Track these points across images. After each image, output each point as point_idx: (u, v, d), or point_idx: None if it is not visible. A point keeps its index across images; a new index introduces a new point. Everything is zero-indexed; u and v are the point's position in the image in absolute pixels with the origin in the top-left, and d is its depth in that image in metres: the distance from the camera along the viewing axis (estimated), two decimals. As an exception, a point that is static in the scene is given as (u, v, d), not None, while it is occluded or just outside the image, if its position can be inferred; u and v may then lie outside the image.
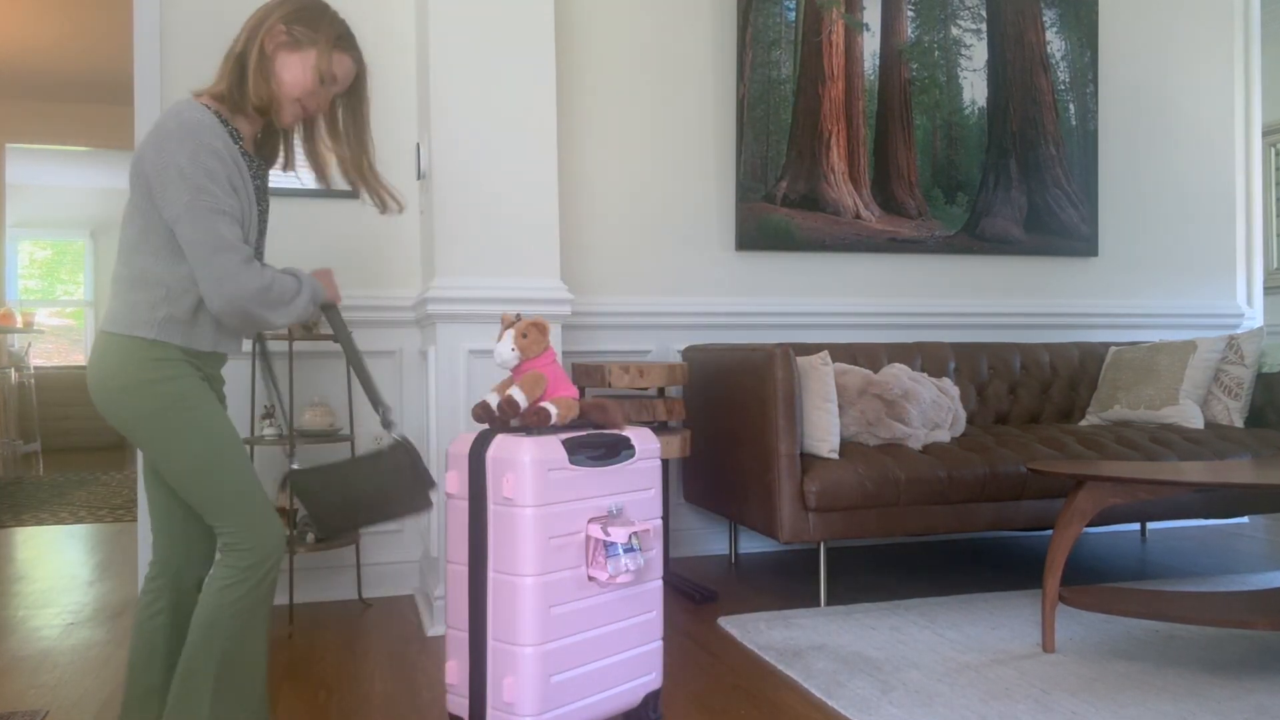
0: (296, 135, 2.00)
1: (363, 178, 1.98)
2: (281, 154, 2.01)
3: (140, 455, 2.11)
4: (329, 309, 2.00)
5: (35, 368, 8.51)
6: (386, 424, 2.03)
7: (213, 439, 1.76)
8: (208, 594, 1.77)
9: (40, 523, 4.83)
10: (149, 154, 1.72)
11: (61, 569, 3.80)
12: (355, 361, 2.06)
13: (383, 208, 2.03)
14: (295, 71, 1.84)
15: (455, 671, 2.02)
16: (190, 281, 1.75)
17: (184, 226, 1.69)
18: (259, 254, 1.90)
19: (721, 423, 3.37)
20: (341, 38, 1.89)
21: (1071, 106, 4.33)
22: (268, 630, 1.84)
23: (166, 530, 1.91)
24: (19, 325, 7.22)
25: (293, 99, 1.86)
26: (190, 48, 3.21)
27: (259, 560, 1.78)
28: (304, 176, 2.58)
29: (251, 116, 1.86)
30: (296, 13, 1.86)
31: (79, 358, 10.53)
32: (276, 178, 3.35)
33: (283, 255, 3.26)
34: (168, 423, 1.74)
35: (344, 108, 1.95)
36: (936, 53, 4.13)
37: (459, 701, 2.01)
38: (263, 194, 1.92)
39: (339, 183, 2.02)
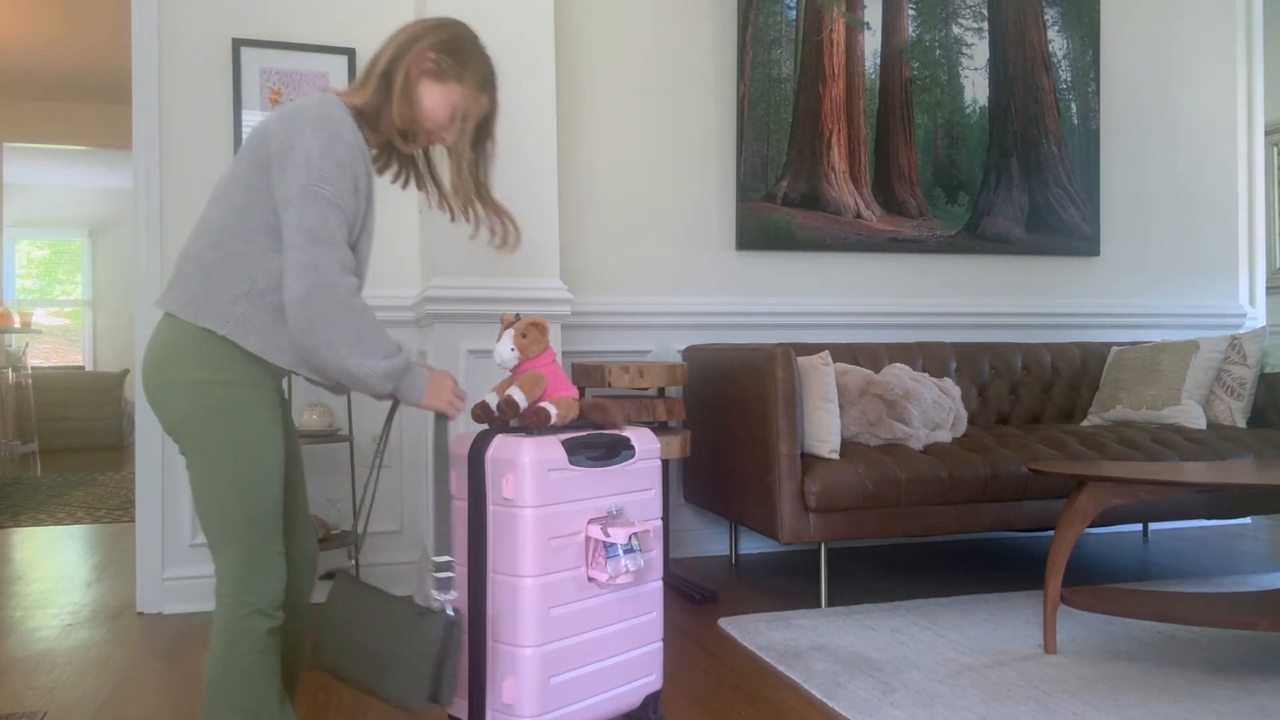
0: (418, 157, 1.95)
1: (476, 209, 1.91)
2: (396, 171, 1.96)
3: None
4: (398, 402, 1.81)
5: (33, 368, 8.50)
6: (441, 586, 1.82)
7: (252, 458, 1.63)
8: (211, 654, 1.64)
9: (38, 523, 4.82)
10: (277, 130, 1.64)
11: (59, 570, 3.79)
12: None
13: (501, 241, 1.96)
14: (434, 101, 1.81)
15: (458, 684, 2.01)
16: (279, 280, 1.63)
17: (293, 209, 1.60)
18: (361, 271, 1.78)
19: (722, 423, 3.36)
20: (486, 79, 1.86)
21: (1073, 105, 4.32)
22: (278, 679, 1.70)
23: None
24: (16, 325, 7.21)
25: (425, 129, 1.83)
26: (188, 46, 3.20)
27: (251, 608, 1.63)
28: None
29: (380, 131, 1.82)
30: (447, 43, 1.82)
31: (76, 358, 10.51)
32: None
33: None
34: (216, 428, 1.62)
35: (471, 142, 1.88)
36: (938, 51, 4.12)
37: (459, 703, 2.00)
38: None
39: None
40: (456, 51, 1.83)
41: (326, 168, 1.61)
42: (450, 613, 1.78)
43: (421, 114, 1.81)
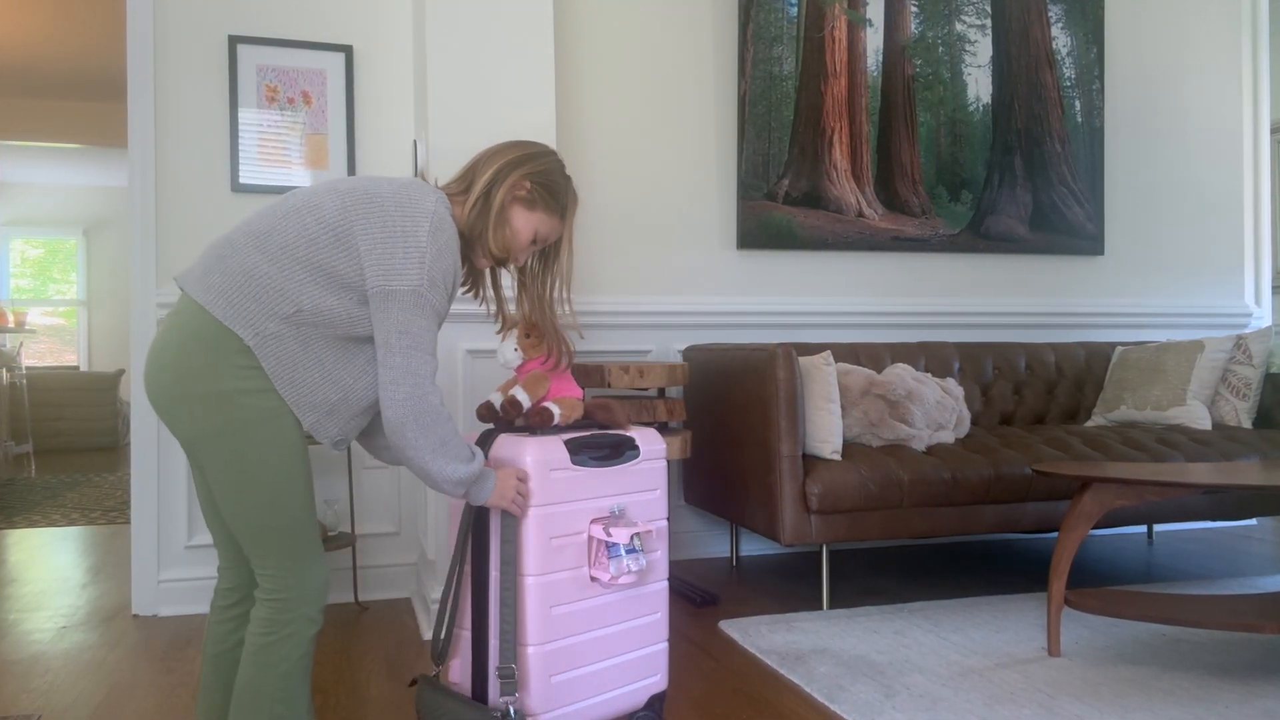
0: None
1: (540, 331, 2.02)
2: (467, 282, 1.99)
3: (190, 468, 1.94)
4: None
5: (27, 368, 8.47)
6: (507, 690, 1.85)
7: (281, 466, 1.60)
8: (249, 653, 1.63)
9: (33, 525, 4.80)
10: (388, 198, 1.66)
11: (54, 572, 3.77)
12: None
13: (555, 363, 2.04)
14: (519, 226, 1.87)
15: (457, 671, 2.02)
16: (323, 317, 1.61)
17: (396, 305, 1.62)
18: None
19: (723, 424, 3.34)
20: (567, 210, 1.95)
21: (1077, 103, 4.30)
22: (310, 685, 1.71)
23: (234, 552, 1.77)
24: (10, 325, 7.19)
25: (507, 249, 1.87)
26: (184, 43, 3.18)
27: (297, 613, 1.63)
28: (302, 175, 2.59)
29: (467, 244, 1.87)
30: (544, 174, 1.89)
31: (71, 357, 10.47)
32: (272, 175, 3.32)
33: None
34: (241, 440, 1.57)
35: (540, 258, 1.99)
36: (940, 48, 4.10)
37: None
38: None
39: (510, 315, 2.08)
40: (552, 187, 1.91)
41: (437, 275, 1.65)
42: (513, 715, 1.83)
43: (510, 241, 1.87)
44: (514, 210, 1.86)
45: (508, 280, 2.07)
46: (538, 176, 1.87)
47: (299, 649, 1.63)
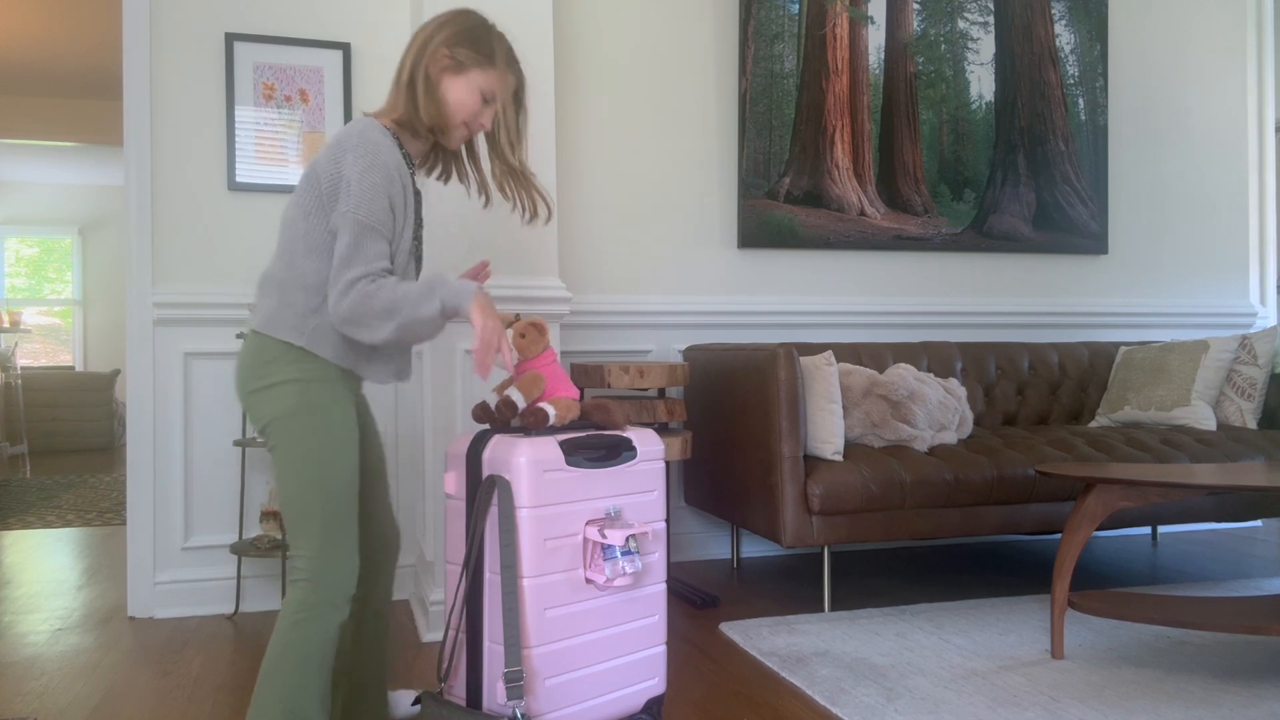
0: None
1: (513, 187, 1.99)
2: (440, 168, 2.04)
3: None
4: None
5: (22, 368, 8.45)
6: (513, 694, 1.85)
7: (324, 454, 1.75)
8: (277, 632, 1.73)
9: (27, 526, 4.78)
10: (324, 160, 1.78)
11: (49, 574, 3.75)
12: None
13: (531, 213, 2.02)
14: (459, 94, 1.89)
15: (452, 673, 1.99)
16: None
17: (339, 235, 1.74)
18: (417, 265, 1.94)
19: (723, 424, 3.32)
20: (505, 57, 1.93)
21: (1081, 101, 4.27)
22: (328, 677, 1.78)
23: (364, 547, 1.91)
24: (6, 324, 7.19)
25: (458, 122, 1.91)
26: (181, 41, 3.16)
27: (324, 596, 1.73)
28: (299, 174, 2.58)
29: (424, 137, 1.92)
30: (460, 35, 1.89)
31: (66, 357, 10.45)
32: (269, 173, 3.30)
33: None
34: (293, 425, 1.75)
35: (502, 120, 1.95)
36: (943, 46, 4.07)
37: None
38: (419, 214, 1.95)
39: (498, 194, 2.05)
40: (471, 40, 1.89)
41: (363, 194, 1.74)
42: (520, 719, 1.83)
43: (450, 110, 1.89)
44: (445, 82, 1.88)
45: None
46: (454, 40, 1.88)
47: (321, 634, 1.72)
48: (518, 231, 2.95)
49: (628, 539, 1.97)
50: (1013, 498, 3.15)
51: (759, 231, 3.87)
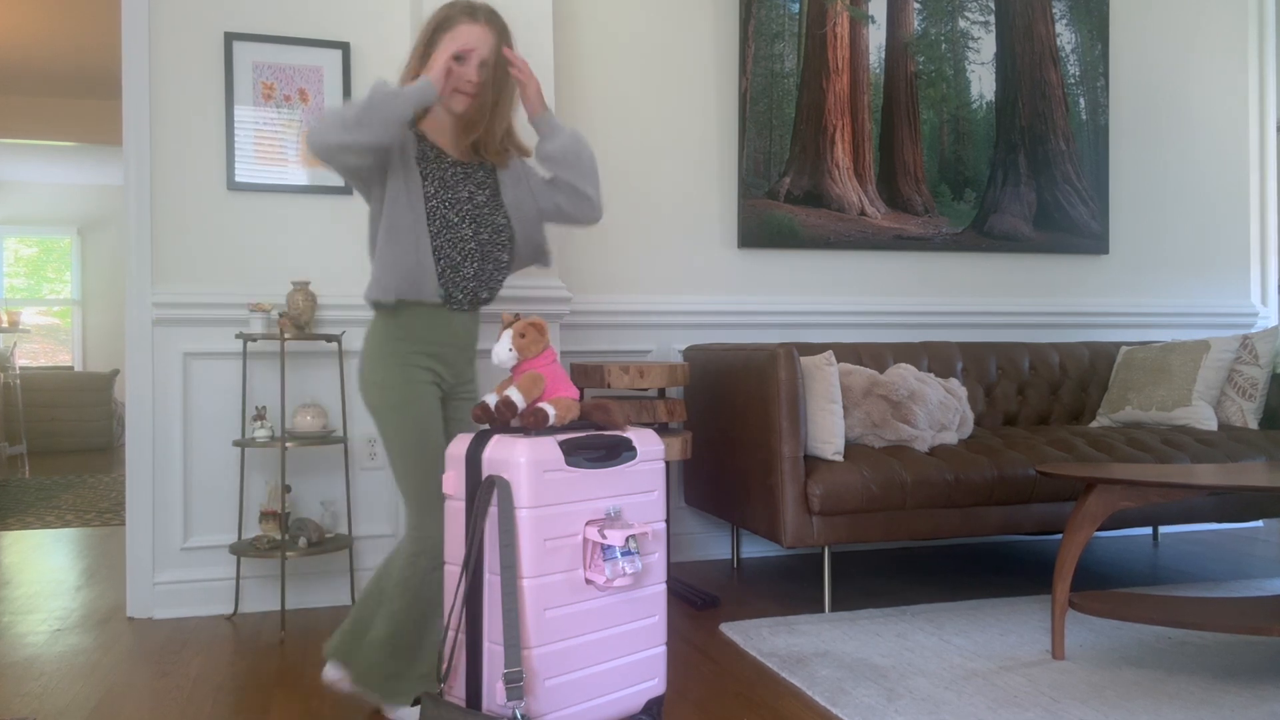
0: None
1: (495, 142, 2.27)
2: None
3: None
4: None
5: (21, 368, 8.44)
6: (513, 694, 1.84)
7: (408, 444, 2.14)
8: (395, 564, 2.18)
9: (26, 527, 4.77)
10: None
11: (48, 574, 3.75)
12: None
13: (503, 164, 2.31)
14: (435, 63, 2.14)
15: (452, 673, 1.98)
16: (379, 250, 2.16)
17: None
18: (481, 260, 2.25)
19: (723, 424, 3.32)
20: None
21: (1082, 101, 4.27)
22: (435, 616, 2.18)
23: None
24: (4, 324, 7.18)
25: (448, 91, 2.17)
26: (180, 40, 3.16)
27: (420, 549, 2.14)
28: (298, 174, 2.67)
29: (449, 127, 2.25)
30: (420, 37, 2.22)
31: (65, 357, 10.43)
32: (269, 173, 3.29)
33: (274, 250, 3.21)
34: (382, 420, 2.16)
35: (491, 79, 2.23)
36: (943, 45, 4.07)
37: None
38: (460, 185, 2.23)
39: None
40: (438, 21, 2.18)
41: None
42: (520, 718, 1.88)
43: (434, 81, 2.12)
44: (428, 64, 2.16)
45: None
46: (418, 45, 2.21)
47: (416, 578, 2.14)
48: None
49: (628, 539, 1.96)
50: (1013, 498, 3.14)
51: (759, 231, 3.86)
